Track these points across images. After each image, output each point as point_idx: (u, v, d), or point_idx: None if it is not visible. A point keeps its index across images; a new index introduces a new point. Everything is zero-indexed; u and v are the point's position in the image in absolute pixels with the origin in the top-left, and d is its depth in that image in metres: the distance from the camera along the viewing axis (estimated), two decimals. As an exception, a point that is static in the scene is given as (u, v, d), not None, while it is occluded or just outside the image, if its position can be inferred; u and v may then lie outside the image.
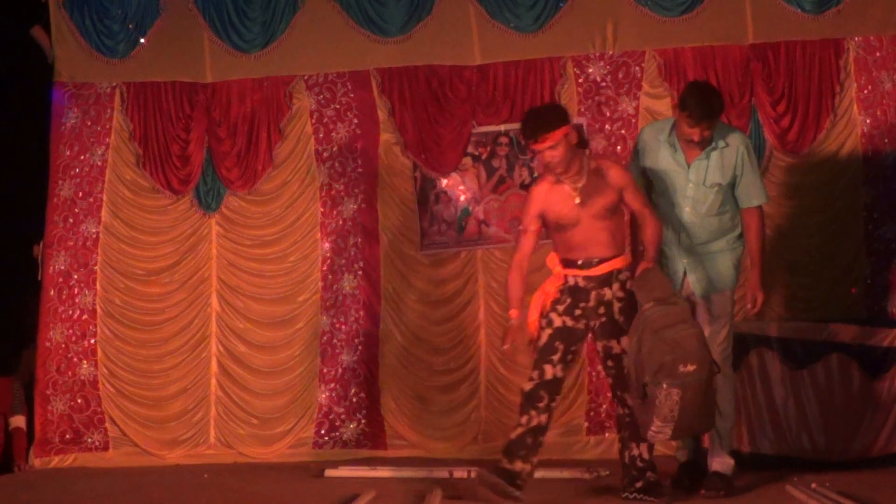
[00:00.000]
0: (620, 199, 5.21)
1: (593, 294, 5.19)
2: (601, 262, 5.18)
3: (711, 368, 4.81)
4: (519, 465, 5.18)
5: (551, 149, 5.08)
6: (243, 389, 7.37)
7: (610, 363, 5.22)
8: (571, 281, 5.23)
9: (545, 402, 5.17)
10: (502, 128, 7.38)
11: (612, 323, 5.19)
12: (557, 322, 5.19)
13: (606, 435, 6.98)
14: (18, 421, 7.13)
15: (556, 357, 5.18)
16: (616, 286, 5.20)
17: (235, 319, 7.42)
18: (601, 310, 5.20)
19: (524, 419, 5.18)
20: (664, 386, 4.74)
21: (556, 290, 5.23)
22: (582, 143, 5.25)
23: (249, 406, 7.36)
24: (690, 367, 4.75)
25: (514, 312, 5.21)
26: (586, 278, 5.19)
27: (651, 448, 5.25)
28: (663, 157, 5.39)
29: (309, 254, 7.45)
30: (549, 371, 5.18)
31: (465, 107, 7.37)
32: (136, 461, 7.23)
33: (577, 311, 5.20)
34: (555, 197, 5.21)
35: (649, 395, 4.79)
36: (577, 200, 5.15)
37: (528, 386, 5.20)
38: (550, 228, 5.30)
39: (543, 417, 5.18)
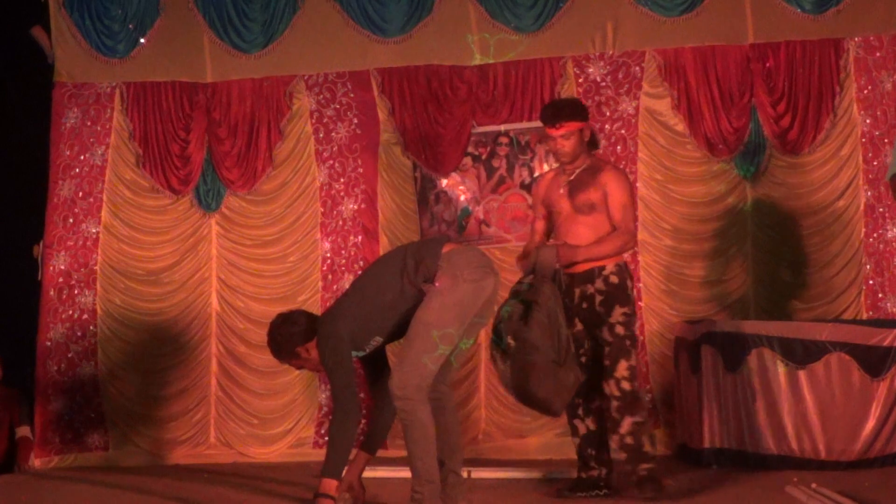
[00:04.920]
0: (605, 201, 5.21)
1: (577, 291, 5.20)
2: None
3: (527, 351, 4.76)
4: (592, 473, 5.33)
5: (563, 138, 5.21)
6: (243, 389, 7.38)
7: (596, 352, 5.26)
8: (562, 279, 5.18)
9: (581, 409, 5.29)
10: (502, 128, 7.38)
11: (593, 314, 5.20)
12: None
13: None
14: (24, 430, 7.12)
15: None
16: (599, 282, 5.19)
17: (235, 319, 7.42)
18: (584, 304, 5.21)
19: (572, 431, 5.35)
20: (492, 348, 4.87)
21: None
22: (593, 144, 5.39)
23: (249, 406, 7.36)
24: (511, 341, 4.77)
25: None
26: (568, 275, 5.17)
27: (621, 439, 5.15)
28: None
29: (309, 254, 7.46)
30: None
31: (465, 107, 7.37)
32: (136, 461, 7.24)
33: (567, 312, 5.13)
34: (552, 186, 5.35)
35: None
36: (562, 191, 5.26)
37: None
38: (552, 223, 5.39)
39: (589, 422, 5.30)
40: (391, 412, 4.75)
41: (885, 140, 7.10)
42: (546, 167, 7.32)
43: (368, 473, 6.13)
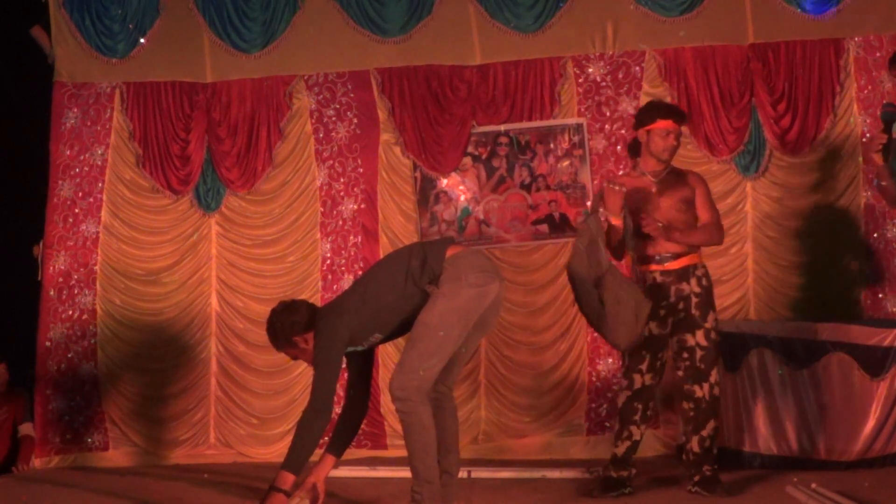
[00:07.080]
0: (694, 199, 5.37)
1: (672, 290, 5.29)
2: (677, 256, 5.28)
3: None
4: (623, 473, 5.40)
5: (678, 136, 5.38)
6: (243, 389, 7.38)
7: (685, 355, 5.31)
8: (649, 279, 5.33)
9: (639, 415, 5.34)
10: (502, 128, 7.38)
11: (688, 317, 5.30)
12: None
13: (606, 435, 6.96)
14: (27, 428, 7.18)
15: (643, 366, 5.30)
16: (693, 281, 5.30)
17: (235, 319, 7.42)
18: (680, 304, 5.30)
19: (625, 434, 5.36)
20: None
21: None
22: None
23: (249, 406, 7.37)
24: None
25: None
26: (663, 273, 5.28)
27: (702, 441, 5.30)
28: None
29: (309, 254, 7.46)
30: (638, 380, 5.33)
31: (465, 107, 7.37)
32: (136, 461, 7.24)
33: (661, 311, 5.28)
34: (635, 186, 5.38)
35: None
36: (654, 189, 5.34)
37: (620, 399, 5.38)
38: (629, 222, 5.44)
39: (643, 428, 5.39)
40: (361, 415, 4.79)
41: (885, 140, 7.10)
42: (545, 167, 7.32)
43: (370, 474, 6.17)
